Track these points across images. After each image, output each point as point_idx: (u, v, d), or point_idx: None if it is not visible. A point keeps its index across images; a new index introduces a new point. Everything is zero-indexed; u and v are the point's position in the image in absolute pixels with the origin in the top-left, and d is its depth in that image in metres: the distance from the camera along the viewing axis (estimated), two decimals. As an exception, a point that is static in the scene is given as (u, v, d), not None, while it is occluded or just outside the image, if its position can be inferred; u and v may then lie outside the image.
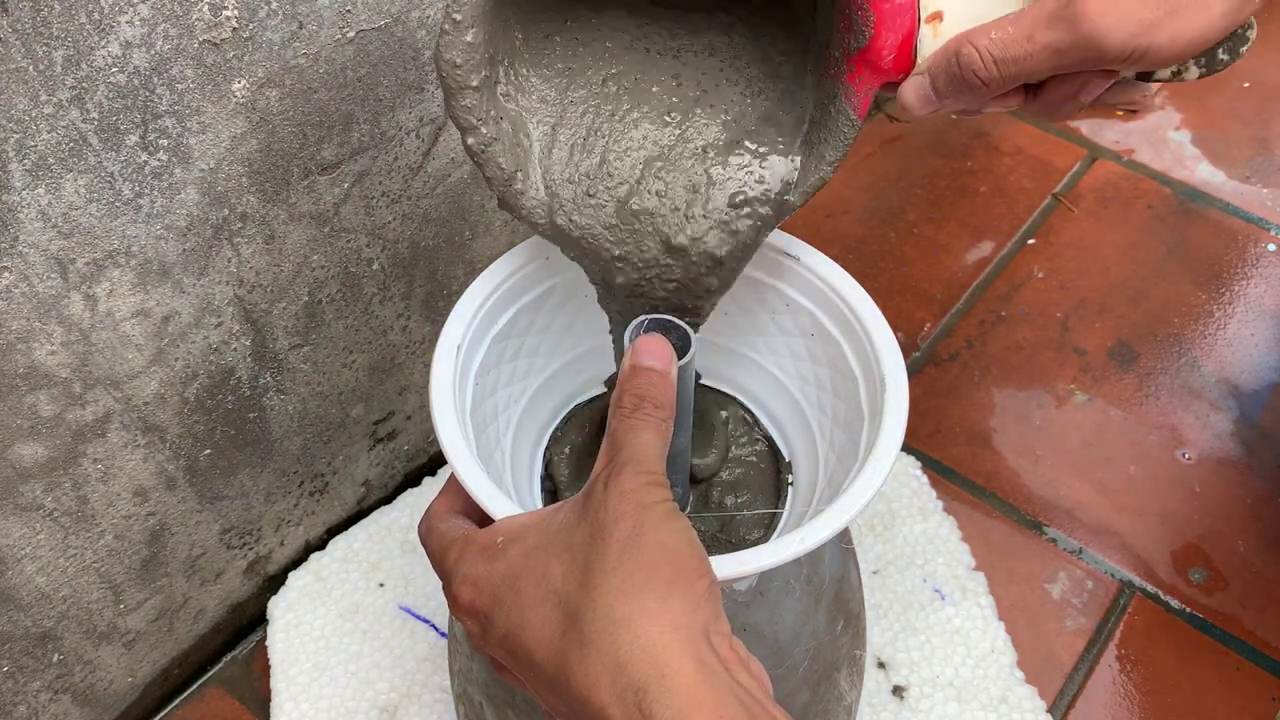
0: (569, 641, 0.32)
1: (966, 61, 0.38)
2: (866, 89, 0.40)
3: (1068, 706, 0.65)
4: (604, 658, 0.31)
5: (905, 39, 0.39)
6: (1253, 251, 0.90)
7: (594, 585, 0.32)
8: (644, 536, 0.33)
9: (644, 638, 0.31)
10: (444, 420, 0.42)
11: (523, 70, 0.42)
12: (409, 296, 0.65)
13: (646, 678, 0.31)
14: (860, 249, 0.91)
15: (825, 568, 0.50)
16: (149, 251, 0.50)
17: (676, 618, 0.32)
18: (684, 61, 0.44)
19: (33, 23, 0.40)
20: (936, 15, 0.38)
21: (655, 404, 0.37)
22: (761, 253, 0.49)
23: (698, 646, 0.31)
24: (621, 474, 0.35)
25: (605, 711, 0.31)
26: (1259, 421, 0.79)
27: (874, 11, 0.38)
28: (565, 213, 0.43)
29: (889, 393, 0.43)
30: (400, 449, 0.73)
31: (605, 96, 0.44)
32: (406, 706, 0.64)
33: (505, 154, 0.41)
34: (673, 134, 0.44)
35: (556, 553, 0.34)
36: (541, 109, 0.43)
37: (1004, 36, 0.37)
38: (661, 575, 0.32)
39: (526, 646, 0.33)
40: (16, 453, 0.50)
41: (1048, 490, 0.75)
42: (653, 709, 0.30)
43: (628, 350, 0.39)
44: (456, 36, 0.38)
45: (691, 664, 0.31)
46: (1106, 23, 0.35)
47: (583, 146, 0.44)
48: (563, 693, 0.32)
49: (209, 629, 0.67)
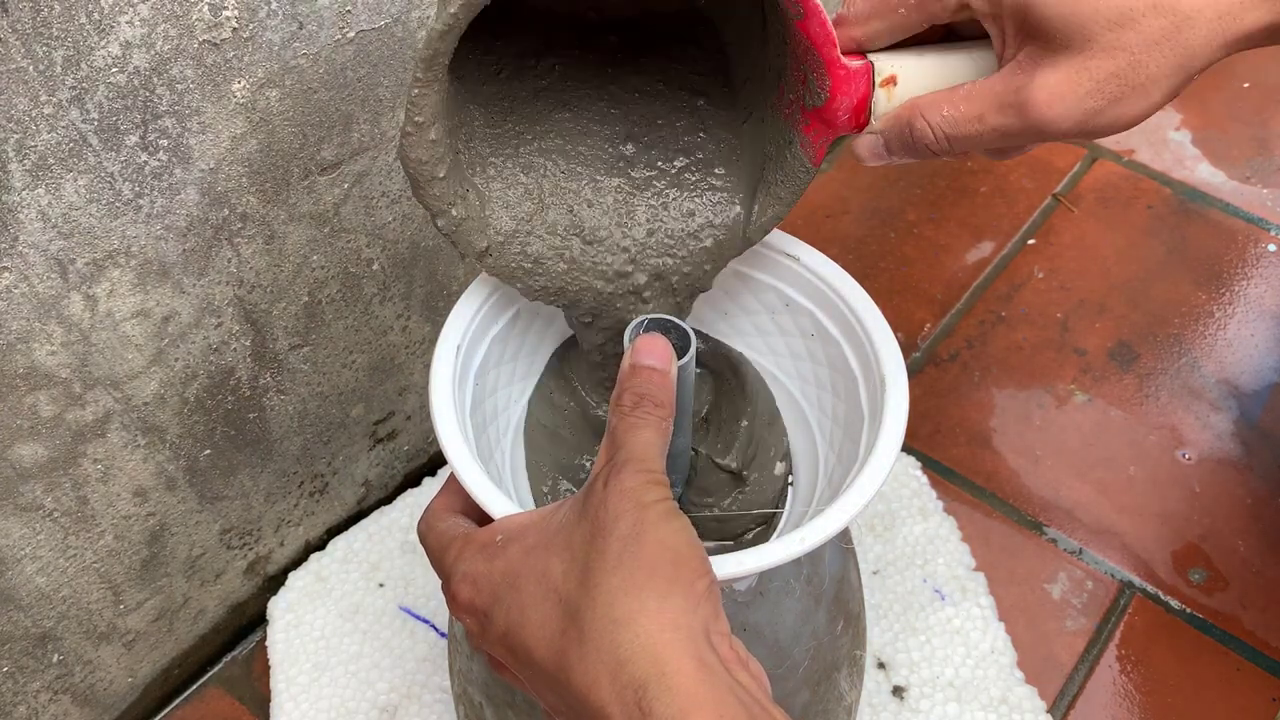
0: (569, 639, 0.32)
1: (919, 134, 0.39)
2: (822, 141, 0.41)
3: (1068, 707, 0.65)
4: (604, 656, 0.31)
5: (860, 102, 0.40)
6: (1253, 251, 0.90)
7: (594, 584, 0.32)
8: (644, 535, 0.33)
9: (644, 636, 0.31)
10: (444, 420, 0.42)
11: (482, 148, 0.44)
12: (409, 296, 0.65)
13: (646, 676, 0.31)
14: (860, 249, 0.91)
15: (825, 568, 0.50)
16: (149, 252, 0.50)
17: (677, 616, 0.32)
18: (632, 112, 0.45)
19: (33, 23, 0.40)
20: (890, 79, 0.40)
21: (655, 402, 0.38)
22: (761, 253, 0.49)
23: (698, 645, 0.31)
24: (621, 472, 0.35)
25: (605, 710, 0.31)
26: (1259, 422, 0.79)
27: (830, 78, 0.39)
28: (543, 265, 0.45)
29: (889, 393, 0.43)
30: (400, 449, 0.73)
31: (564, 155, 0.45)
32: (406, 707, 0.64)
33: (475, 231, 0.43)
34: (634, 179, 0.45)
35: (556, 551, 0.34)
36: (502, 176, 0.44)
37: (955, 115, 0.38)
38: (662, 574, 0.32)
39: (526, 644, 0.33)
40: (16, 453, 0.50)
41: (1048, 490, 0.75)
42: (652, 707, 0.30)
43: (627, 350, 0.40)
44: (420, 137, 0.38)
45: (691, 663, 0.31)
46: (1054, 112, 0.36)
47: (547, 204, 0.45)
48: (562, 690, 0.32)
49: (209, 629, 0.67)
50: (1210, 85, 1.05)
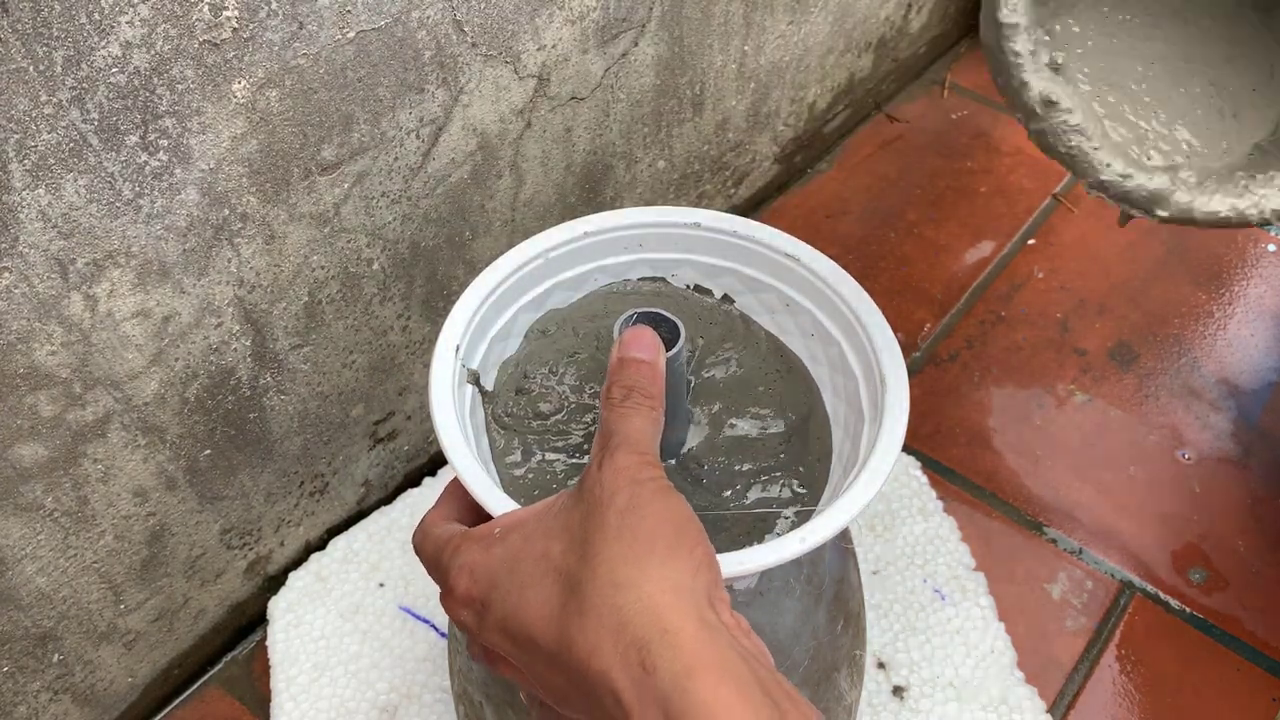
0: (569, 611, 0.32)
1: None
2: None
3: (1068, 707, 0.65)
4: (605, 620, 0.31)
5: None
6: (1253, 252, 0.90)
7: (594, 554, 0.32)
8: (641, 508, 0.33)
9: (646, 598, 0.31)
10: (444, 420, 0.42)
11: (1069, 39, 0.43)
12: (409, 296, 0.65)
13: (649, 634, 0.30)
14: (860, 249, 0.91)
15: (825, 568, 0.50)
16: (149, 252, 0.50)
17: (679, 580, 0.32)
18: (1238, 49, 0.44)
19: (33, 23, 0.40)
20: None
21: (645, 394, 0.38)
22: (761, 253, 0.49)
23: (700, 607, 0.31)
24: (615, 454, 0.35)
25: (608, 674, 0.31)
26: (1258, 422, 0.79)
27: None
28: None
29: (889, 393, 0.43)
30: (400, 449, 0.73)
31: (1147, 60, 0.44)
32: (406, 706, 0.64)
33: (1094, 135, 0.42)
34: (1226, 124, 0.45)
35: (555, 534, 0.34)
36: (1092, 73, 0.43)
37: None
38: (662, 541, 0.33)
39: (526, 626, 0.33)
40: (16, 453, 0.50)
41: (1048, 490, 0.75)
42: (656, 664, 0.30)
43: (615, 344, 0.40)
44: None
45: (694, 623, 0.31)
46: None
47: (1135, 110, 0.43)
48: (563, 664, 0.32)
49: (209, 629, 0.67)
50: (1210, 85, 1.05)
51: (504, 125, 0.63)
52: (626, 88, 0.71)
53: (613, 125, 0.72)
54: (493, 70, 0.60)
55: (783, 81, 0.87)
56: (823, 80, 0.92)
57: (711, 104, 0.80)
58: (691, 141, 0.81)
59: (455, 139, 0.61)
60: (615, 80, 0.70)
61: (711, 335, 0.49)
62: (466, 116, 0.61)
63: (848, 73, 0.95)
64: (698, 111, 0.79)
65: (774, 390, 0.48)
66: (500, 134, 0.64)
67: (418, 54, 0.55)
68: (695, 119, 0.80)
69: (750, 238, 0.49)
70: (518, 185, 0.67)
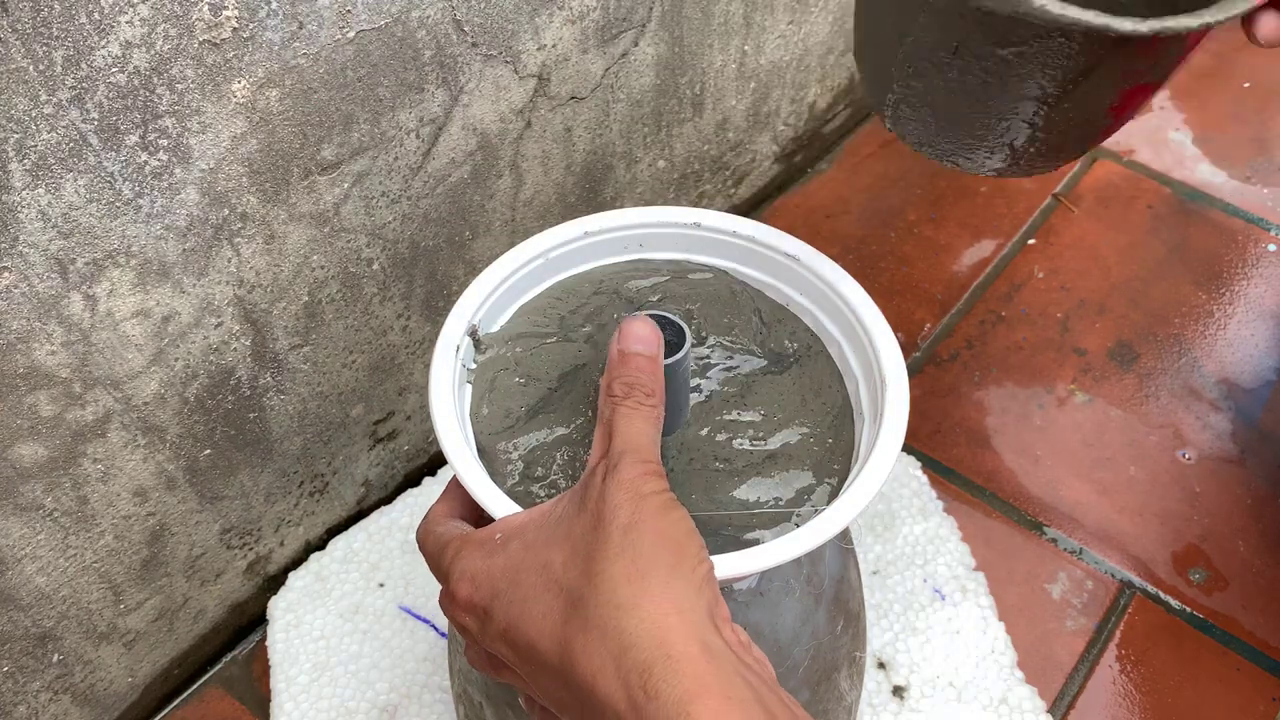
0: (572, 628, 0.32)
1: None
2: None
3: (1068, 707, 0.65)
4: (608, 642, 0.31)
5: None
6: (1253, 251, 0.90)
7: (596, 572, 0.32)
8: (644, 524, 0.33)
9: (648, 620, 0.31)
10: (444, 420, 0.42)
11: None
12: (409, 296, 0.65)
13: (652, 659, 0.30)
14: (860, 249, 0.91)
15: (825, 568, 0.50)
16: (149, 251, 0.50)
17: (680, 600, 0.32)
18: None
19: (33, 23, 0.40)
20: None
21: (646, 391, 0.38)
22: (762, 253, 0.49)
23: (702, 629, 0.32)
24: (619, 465, 0.35)
25: (610, 696, 0.31)
26: (1258, 422, 0.79)
27: None
28: None
29: (889, 393, 0.43)
30: (400, 449, 0.73)
31: None
32: (406, 707, 0.64)
33: None
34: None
35: (557, 543, 0.34)
36: None
37: None
38: (664, 561, 0.33)
39: (528, 637, 0.33)
40: (16, 453, 0.50)
41: (1048, 490, 0.75)
42: (658, 689, 0.30)
43: (615, 334, 0.39)
44: None
45: (697, 646, 0.31)
46: None
47: None
48: (565, 679, 0.32)
49: (209, 629, 0.67)
50: (1210, 85, 1.05)
51: (504, 125, 0.63)
52: (626, 87, 0.71)
53: (613, 125, 0.72)
54: (493, 70, 0.60)
55: (783, 81, 0.87)
56: (823, 80, 0.92)
57: (711, 104, 0.80)
58: (691, 141, 0.81)
59: (455, 139, 0.61)
60: (615, 80, 0.70)
61: (720, 324, 0.49)
62: (466, 116, 0.61)
63: (848, 73, 0.95)
64: (698, 111, 0.79)
65: (778, 385, 0.48)
66: (500, 134, 0.64)
67: (418, 54, 0.55)
68: (695, 119, 0.80)
69: (750, 238, 0.49)
70: (518, 185, 0.67)
